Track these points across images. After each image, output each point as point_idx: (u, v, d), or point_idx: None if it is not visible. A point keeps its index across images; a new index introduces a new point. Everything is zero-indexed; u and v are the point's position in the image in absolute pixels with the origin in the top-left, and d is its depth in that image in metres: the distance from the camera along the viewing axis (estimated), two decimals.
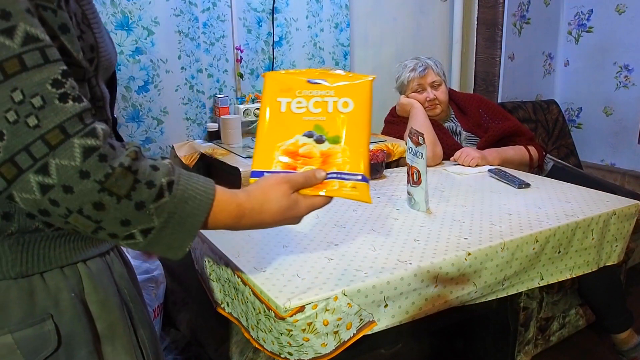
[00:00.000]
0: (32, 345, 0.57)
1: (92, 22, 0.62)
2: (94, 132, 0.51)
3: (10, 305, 0.56)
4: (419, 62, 1.90)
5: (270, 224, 0.69)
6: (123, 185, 0.52)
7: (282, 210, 0.68)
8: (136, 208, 0.53)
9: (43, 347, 0.58)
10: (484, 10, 2.60)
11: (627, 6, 2.67)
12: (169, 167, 0.58)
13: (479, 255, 1.02)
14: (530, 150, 1.88)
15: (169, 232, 0.57)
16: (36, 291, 0.58)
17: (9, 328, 0.56)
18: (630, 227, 1.31)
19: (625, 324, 1.59)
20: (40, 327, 0.58)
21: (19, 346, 0.57)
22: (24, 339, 0.57)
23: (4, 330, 0.56)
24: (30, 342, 0.57)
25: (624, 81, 2.74)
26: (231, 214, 0.63)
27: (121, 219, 0.53)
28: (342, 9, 2.15)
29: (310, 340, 0.83)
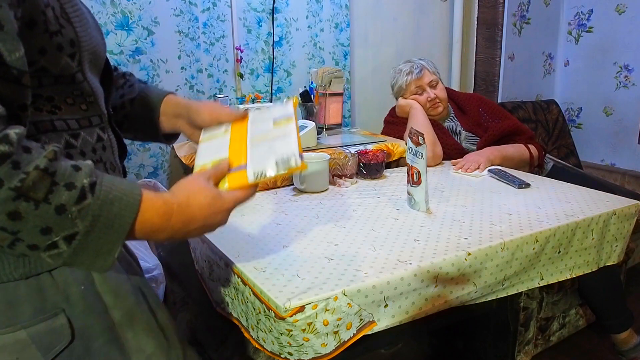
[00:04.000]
0: (46, 340, 0.58)
1: (73, 17, 0.61)
2: (6, 138, 0.47)
3: (20, 302, 0.57)
4: (413, 64, 1.89)
5: (200, 219, 0.63)
6: (40, 188, 0.48)
7: (208, 201, 0.64)
8: (57, 212, 0.49)
9: (57, 340, 0.59)
10: (484, 10, 2.60)
11: (627, 6, 2.67)
12: (91, 167, 0.54)
13: (479, 255, 1.02)
14: (531, 149, 1.88)
15: (95, 237, 0.53)
16: (45, 287, 0.58)
17: (22, 324, 0.57)
18: (630, 227, 1.31)
19: (625, 324, 1.59)
20: (52, 322, 0.58)
21: (33, 341, 0.57)
22: (38, 334, 0.58)
23: (17, 326, 0.57)
24: (44, 337, 0.58)
25: (624, 81, 2.74)
26: (159, 211, 0.59)
27: (41, 226, 0.49)
28: (342, 9, 2.15)
29: (310, 340, 0.83)
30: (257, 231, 1.15)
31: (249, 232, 1.14)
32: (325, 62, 2.16)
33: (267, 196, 1.43)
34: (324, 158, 1.48)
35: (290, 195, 1.45)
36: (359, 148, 1.69)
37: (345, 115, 2.17)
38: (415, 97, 1.88)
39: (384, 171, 1.64)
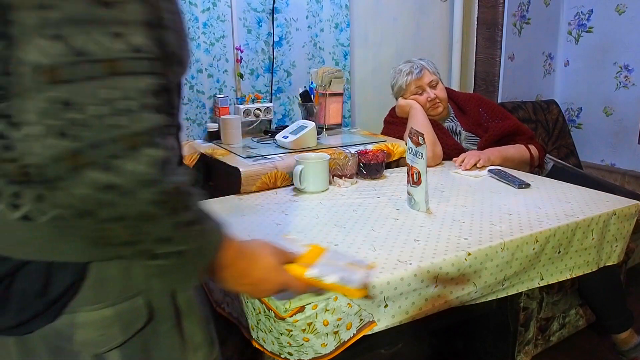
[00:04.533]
0: (128, 318, 0.61)
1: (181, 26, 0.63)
2: (164, 146, 0.51)
3: (110, 281, 0.59)
4: (413, 64, 1.89)
5: (257, 275, 0.69)
6: (177, 203, 0.54)
7: (271, 265, 0.70)
8: (177, 227, 0.55)
9: (136, 320, 0.61)
10: (484, 10, 2.60)
11: (627, 6, 2.67)
12: None
13: (479, 255, 1.02)
14: (531, 149, 1.88)
15: (191, 260, 0.59)
16: (131, 268, 0.60)
17: (111, 301, 0.59)
18: (630, 227, 1.31)
19: (625, 324, 1.59)
20: (134, 302, 0.61)
21: (117, 319, 0.60)
22: (122, 312, 0.60)
23: (106, 303, 0.59)
24: (126, 316, 0.61)
25: (624, 81, 2.74)
26: (232, 248, 0.65)
27: (162, 236, 0.54)
28: (342, 9, 2.15)
29: (310, 340, 0.83)
30: (257, 231, 1.15)
31: (249, 232, 1.14)
32: (325, 62, 2.16)
33: (267, 196, 1.43)
34: (324, 158, 1.48)
35: (290, 195, 1.45)
36: (359, 148, 1.69)
37: (345, 116, 2.17)
38: (415, 97, 1.88)
39: (383, 171, 1.64)
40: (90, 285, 0.58)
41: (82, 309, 0.58)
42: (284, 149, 1.69)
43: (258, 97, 1.97)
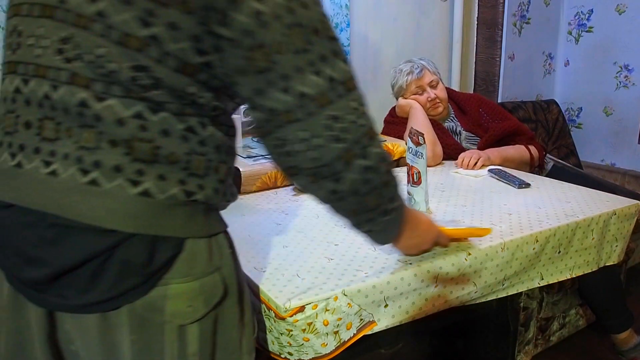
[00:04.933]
0: (210, 292, 0.66)
1: None
2: None
3: (198, 256, 0.64)
4: (414, 64, 1.89)
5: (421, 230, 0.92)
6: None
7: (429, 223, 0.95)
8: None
9: (215, 294, 0.66)
10: (484, 10, 2.60)
11: (627, 6, 2.67)
12: None
13: (479, 255, 1.02)
14: (531, 150, 1.88)
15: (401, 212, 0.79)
16: (213, 246, 0.66)
17: (196, 275, 0.64)
18: (630, 227, 1.31)
19: (625, 324, 1.59)
20: (214, 277, 0.66)
21: (202, 292, 0.64)
22: (205, 285, 0.65)
23: (194, 276, 0.63)
24: (209, 289, 0.65)
25: (624, 81, 2.74)
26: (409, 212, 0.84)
27: (392, 195, 0.74)
28: (342, 9, 2.14)
29: (311, 340, 0.83)
30: (257, 231, 1.15)
31: (248, 232, 1.14)
32: None
33: (267, 196, 1.43)
34: None
35: (291, 195, 1.45)
36: None
37: None
38: (416, 97, 1.88)
39: None
40: (184, 258, 0.63)
41: (174, 281, 0.62)
42: None
43: None
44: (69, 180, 0.59)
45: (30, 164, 0.61)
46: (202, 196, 0.64)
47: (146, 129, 0.59)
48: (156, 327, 0.63)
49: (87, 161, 0.59)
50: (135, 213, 0.60)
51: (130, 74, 0.58)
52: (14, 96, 0.63)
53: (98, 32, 0.58)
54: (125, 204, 0.59)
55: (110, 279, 0.60)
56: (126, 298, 0.61)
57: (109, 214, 0.59)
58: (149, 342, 0.64)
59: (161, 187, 0.60)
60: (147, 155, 0.59)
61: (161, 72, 0.59)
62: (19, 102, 0.62)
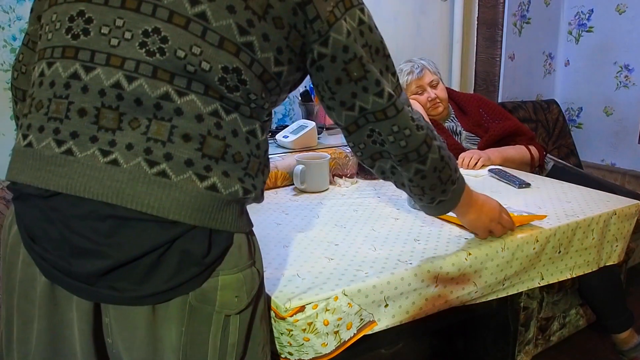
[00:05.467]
0: (250, 284, 0.69)
1: None
2: None
3: (241, 249, 0.67)
4: (414, 64, 1.89)
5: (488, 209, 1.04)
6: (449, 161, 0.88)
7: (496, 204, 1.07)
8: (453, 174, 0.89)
9: (254, 286, 0.70)
10: (484, 10, 2.60)
11: (628, 6, 2.67)
12: None
13: (480, 255, 1.02)
14: (531, 150, 1.88)
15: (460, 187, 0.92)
16: (248, 242, 0.70)
17: (240, 267, 0.67)
18: (630, 227, 1.30)
19: (625, 324, 1.59)
20: (252, 270, 0.69)
21: (245, 282, 0.68)
22: (247, 277, 0.68)
23: (240, 267, 0.67)
24: (250, 281, 0.69)
25: (624, 81, 2.74)
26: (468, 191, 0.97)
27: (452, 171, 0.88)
28: None
29: (311, 340, 0.83)
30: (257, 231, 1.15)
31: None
32: None
33: (267, 196, 1.43)
34: (324, 158, 1.48)
35: (291, 195, 1.45)
36: None
37: None
38: (416, 96, 1.88)
39: None
40: (233, 250, 0.66)
41: (224, 272, 0.65)
42: (285, 149, 1.69)
43: None
44: (133, 170, 0.60)
45: (85, 152, 0.61)
46: (254, 195, 0.69)
47: (221, 127, 0.64)
48: (205, 317, 0.65)
49: (156, 153, 0.60)
50: (201, 206, 0.62)
51: (221, 74, 0.63)
52: (68, 82, 0.63)
53: (196, 33, 0.62)
54: (194, 197, 0.61)
55: (169, 270, 0.62)
56: (183, 289, 0.63)
57: (176, 205, 0.60)
58: (196, 333, 0.65)
59: (225, 184, 0.64)
60: (217, 152, 0.63)
61: (248, 76, 0.65)
62: (74, 88, 0.62)
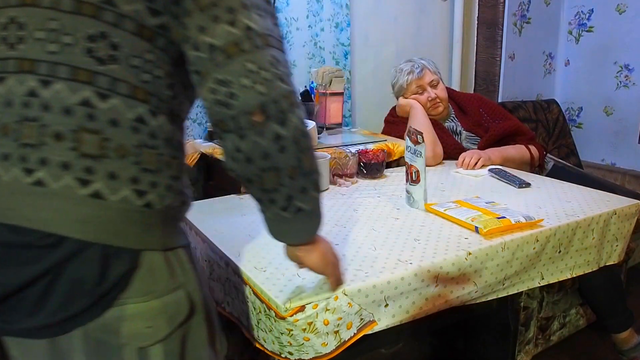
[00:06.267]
0: (172, 311, 0.62)
1: None
2: None
3: (157, 273, 0.60)
4: (414, 63, 1.89)
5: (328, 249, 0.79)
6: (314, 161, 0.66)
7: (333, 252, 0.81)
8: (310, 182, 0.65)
9: (179, 312, 0.62)
10: (485, 10, 2.60)
11: (628, 6, 2.67)
12: None
13: (480, 254, 1.02)
14: (531, 149, 1.88)
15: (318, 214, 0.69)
16: (173, 261, 0.62)
17: (156, 294, 0.60)
18: (630, 226, 1.30)
19: (625, 324, 1.58)
20: (177, 294, 0.62)
21: (164, 311, 0.61)
22: (168, 304, 0.61)
23: (153, 295, 0.59)
24: (171, 308, 0.62)
25: (624, 81, 2.74)
26: None
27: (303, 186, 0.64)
28: (342, 8, 2.14)
29: (311, 339, 0.83)
30: (257, 230, 1.15)
31: (249, 232, 1.14)
32: (325, 62, 2.16)
33: None
34: (325, 157, 1.48)
35: None
36: (360, 147, 1.69)
37: (345, 115, 2.17)
38: (416, 96, 1.88)
39: (384, 171, 1.64)
40: (141, 275, 0.58)
41: (132, 300, 0.58)
42: None
43: None
44: (11, 182, 0.54)
45: None
46: (155, 195, 0.59)
47: (94, 117, 0.55)
48: (114, 350, 0.59)
49: (31, 159, 0.54)
50: (85, 217, 0.55)
51: (86, 45, 0.54)
52: None
53: (46, 4, 0.54)
54: (75, 205, 0.54)
55: (59, 299, 0.55)
56: (77, 321, 0.57)
57: (57, 216, 0.54)
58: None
59: (112, 187, 0.55)
60: (94, 149, 0.54)
61: (119, 36, 0.56)
62: None
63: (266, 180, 0.62)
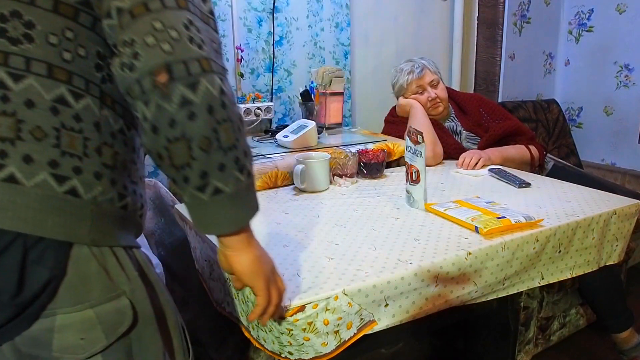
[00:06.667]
0: (111, 321, 0.57)
1: None
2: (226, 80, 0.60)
3: (91, 279, 0.56)
4: (415, 63, 1.89)
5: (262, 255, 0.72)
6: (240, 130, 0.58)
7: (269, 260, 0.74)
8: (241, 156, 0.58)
9: (120, 322, 0.58)
10: (485, 10, 2.60)
11: (628, 5, 2.67)
12: None
13: (480, 254, 1.02)
14: (531, 149, 1.88)
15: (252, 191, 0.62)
16: (110, 266, 0.58)
17: (90, 303, 0.56)
18: (630, 226, 1.30)
19: (625, 324, 1.58)
20: (117, 303, 0.58)
21: (99, 321, 0.56)
22: (104, 314, 0.57)
23: (85, 304, 0.55)
24: (110, 317, 0.57)
25: (624, 80, 2.74)
26: None
27: (221, 163, 0.56)
28: (342, 8, 2.14)
29: (311, 339, 0.83)
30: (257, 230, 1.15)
31: None
32: (325, 62, 2.16)
33: (267, 195, 1.43)
34: (325, 157, 1.48)
35: (291, 194, 1.44)
36: (360, 147, 1.69)
37: (345, 115, 2.17)
38: (416, 96, 1.88)
39: (384, 170, 1.64)
40: (69, 283, 0.54)
41: (62, 310, 0.54)
42: (285, 149, 1.69)
43: (258, 97, 1.97)
44: None
45: None
46: (80, 182, 0.54)
47: (8, 99, 0.51)
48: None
49: None
50: (2, 203, 0.50)
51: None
52: None
53: None
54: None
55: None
56: (7, 333, 0.53)
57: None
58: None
59: (28, 171, 0.51)
60: (8, 131, 0.51)
61: (33, 14, 0.52)
62: None
63: (175, 153, 0.54)
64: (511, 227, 1.10)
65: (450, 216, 1.18)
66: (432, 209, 1.24)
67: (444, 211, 1.20)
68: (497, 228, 1.08)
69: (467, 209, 1.19)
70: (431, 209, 1.24)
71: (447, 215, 1.19)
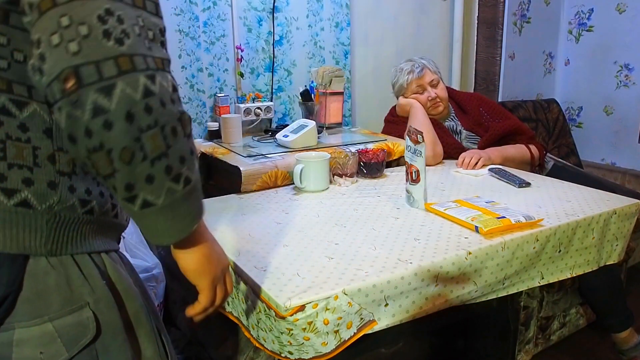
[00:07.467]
0: (72, 334, 0.56)
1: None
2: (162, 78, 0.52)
3: (50, 292, 0.54)
4: (415, 63, 1.89)
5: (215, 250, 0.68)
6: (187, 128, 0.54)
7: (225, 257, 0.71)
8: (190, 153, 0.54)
9: (82, 335, 0.57)
10: (485, 10, 2.60)
11: (628, 5, 2.67)
12: None
13: (480, 254, 1.02)
14: (531, 149, 1.88)
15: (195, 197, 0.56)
16: (72, 277, 0.56)
17: (49, 316, 0.55)
18: (630, 226, 1.30)
19: (625, 323, 1.59)
20: (78, 315, 0.56)
21: (59, 335, 0.55)
22: (64, 327, 0.55)
23: (44, 318, 0.54)
24: (70, 330, 0.56)
25: (624, 80, 2.74)
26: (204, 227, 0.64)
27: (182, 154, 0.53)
28: (342, 8, 2.14)
29: (311, 339, 0.83)
30: (257, 230, 1.15)
31: (249, 231, 1.14)
32: (325, 61, 2.16)
33: (267, 195, 1.43)
34: (325, 157, 1.48)
35: (291, 194, 1.44)
36: (360, 147, 1.69)
37: (345, 115, 2.17)
38: (416, 96, 1.88)
39: (384, 170, 1.64)
40: (27, 297, 0.53)
41: (20, 324, 0.53)
42: (285, 148, 1.68)
43: (258, 96, 1.97)
44: None
45: None
46: (32, 194, 0.52)
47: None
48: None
49: None
50: None
51: None
52: None
53: None
54: None
55: None
56: None
57: None
58: None
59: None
60: None
61: None
62: None
63: (98, 164, 0.49)
64: (511, 227, 1.10)
65: (450, 216, 1.18)
66: (432, 208, 1.24)
67: (444, 211, 1.20)
68: (497, 228, 1.08)
69: (467, 209, 1.19)
70: (431, 208, 1.24)
71: (447, 215, 1.19)
